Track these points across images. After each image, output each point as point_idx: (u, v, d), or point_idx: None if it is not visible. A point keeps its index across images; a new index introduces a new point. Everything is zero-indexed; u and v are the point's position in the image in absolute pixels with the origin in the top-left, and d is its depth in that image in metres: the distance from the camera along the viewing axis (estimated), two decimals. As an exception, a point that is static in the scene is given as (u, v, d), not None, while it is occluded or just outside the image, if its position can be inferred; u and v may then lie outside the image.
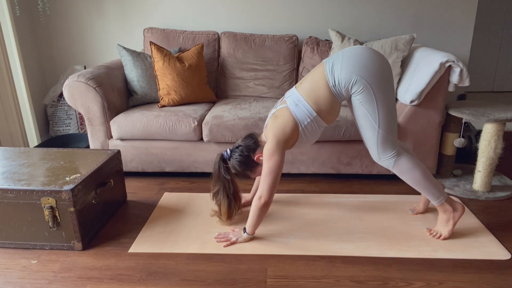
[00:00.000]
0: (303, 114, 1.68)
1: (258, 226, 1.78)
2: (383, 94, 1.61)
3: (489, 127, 2.14)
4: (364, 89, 1.60)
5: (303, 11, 2.99)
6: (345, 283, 1.54)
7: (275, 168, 1.66)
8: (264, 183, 1.67)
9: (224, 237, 1.81)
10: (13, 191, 1.69)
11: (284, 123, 1.69)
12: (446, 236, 1.78)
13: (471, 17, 2.94)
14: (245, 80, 2.85)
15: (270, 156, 1.66)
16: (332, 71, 1.63)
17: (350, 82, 1.60)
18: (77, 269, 1.64)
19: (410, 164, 1.70)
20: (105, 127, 2.43)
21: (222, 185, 1.84)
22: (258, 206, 1.70)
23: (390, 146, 1.68)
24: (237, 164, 1.79)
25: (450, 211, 1.77)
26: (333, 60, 1.65)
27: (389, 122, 1.65)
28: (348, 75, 1.60)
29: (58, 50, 3.18)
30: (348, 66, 1.60)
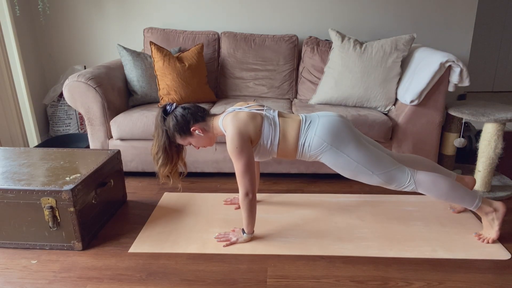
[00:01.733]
0: (268, 135, 1.71)
1: (254, 223, 1.78)
2: (356, 150, 1.69)
3: (489, 127, 2.14)
4: (337, 156, 1.70)
5: (303, 11, 2.99)
6: (345, 283, 1.54)
7: (248, 164, 1.67)
8: (244, 181, 1.68)
9: (224, 237, 1.81)
10: (13, 191, 1.69)
11: (254, 124, 1.69)
12: (494, 238, 1.75)
13: (471, 17, 2.94)
14: (245, 80, 2.85)
15: (240, 155, 1.65)
16: (306, 132, 1.71)
17: (320, 150, 1.70)
18: (77, 269, 1.64)
19: (430, 179, 1.70)
20: (105, 127, 2.43)
21: (157, 134, 1.76)
22: (249, 202, 1.70)
23: (398, 175, 1.70)
24: (172, 121, 1.72)
25: (492, 212, 1.74)
26: (310, 121, 1.74)
27: (378, 163, 1.70)
28: (319, 143, 1.69)
29: (58, 50, 3.18)
30: (320, 134, 1.69)
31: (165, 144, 1.74)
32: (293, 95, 2.88)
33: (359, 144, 1.71)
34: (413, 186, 1.71)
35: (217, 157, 2.41)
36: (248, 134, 1.67)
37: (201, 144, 1.81)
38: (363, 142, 1.73)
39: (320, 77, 2.73)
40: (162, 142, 1.74)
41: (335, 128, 1.70)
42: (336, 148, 1.69)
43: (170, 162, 1.79)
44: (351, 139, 1.70)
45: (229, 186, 2.38)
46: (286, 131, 1.73)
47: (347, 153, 1.69)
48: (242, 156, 1.65)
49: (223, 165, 2.44)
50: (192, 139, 1.77)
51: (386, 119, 2.32)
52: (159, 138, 1.75)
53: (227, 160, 2.41)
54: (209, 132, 1.78)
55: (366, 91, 2.42)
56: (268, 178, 2.50)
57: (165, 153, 1.76)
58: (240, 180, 1.68)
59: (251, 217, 1.75)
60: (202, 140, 1.79)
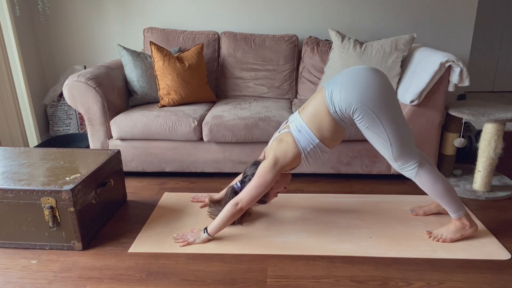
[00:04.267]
0: (305, 141, 1.68)
1: (221, 229, 1.79)
2: (387, 114, 1.58)
3: (489, 127, 2.14)
4: (366, 115, 1.58)
5: (303, 11, 2.99)
6: (345, 283, 1.54)
7: (264, 185, 1.69)
8: (248, 193, 1.70)
9: (181, 238, 1.82)
10: (13, 191, 1.69)
11: (287, 148, 1.69)
12: (446, 240, 1.77)
13: (471, 17, 2.94)
14: (245, 80, 2.85)
15: (265, 173, 1.68)
16: (332, 98, 1.62)
17: (351, 109, 1.59)
18: (77, 269, 1.64)
19: (432, 176, 1.69)
20: (105, 127, 2.43)
21: None
22: (233, 211, 1.72)
23: (408, 157, 1.67)
24: None
25: (466, 226, 1.76)
26: (332, 86, 1.63)
27: (400, 137, 1.62)
28: (348, 102, 1.58)
29: (58, 50, 3.18)
30: (346, 93, 1.58)
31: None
32: (293, 95, 2.88)
33: (392, 107, 1.59)
34: (414, 173, 1.69)
35: (217, 157, 2.41)
36: (286, 162, 1.69)
37: (280, 187, 1.87)
38: (396, 106, 1.61)
39: (320, 77, 2.73)
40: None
41: (360, 83, 1.57)
42: (366, 106, 1.56)
43: None
44: (382, 99, 1.56)
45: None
46: (315, 118, 1.66)
47: (377, 114, 1.56)
48: (264, 176, 1.69)
49: (223, 165, 2.44)
50: (274, 190, 1.83)
51: (386, 119, 2.31)
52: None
53: (227, 160, 2.42)
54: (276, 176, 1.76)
55: (366, 91, 2.41)
56: (268, 178, 2.50)
57: None
58: (245, 190, 1.72)
59: (223, 223, 1.75)
60: (277, 185, 1.83)
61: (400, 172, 1.73)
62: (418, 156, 1.69)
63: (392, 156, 1.66)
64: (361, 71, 1.60)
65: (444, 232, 1.79)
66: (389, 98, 1.59)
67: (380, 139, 1.63)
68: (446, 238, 1.77)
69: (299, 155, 1.69)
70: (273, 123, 2.30)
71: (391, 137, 1.61)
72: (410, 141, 1.67)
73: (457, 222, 1.77)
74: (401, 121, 1.63)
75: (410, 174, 1.71)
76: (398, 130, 1.61)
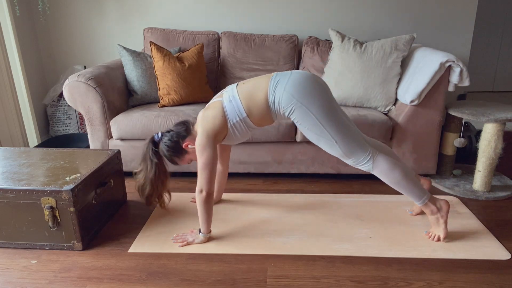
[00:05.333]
0: (233, 112, 1.69)
1: (210, 222, 1.78)
2: (326, 114, 1.63)
3: (489, 127, 2.14)
4: (305, 115, 1.63)
5: (303, 11, 2.99)
6: (345, 283, 1.54)
7: (209, 161, 1.67)
8: (201, 177, 1.69)
9: (181, 238, 1.82)
10: (13, 191, 1.69)
11: (213, 116, 1.69)
12: (443, 236, 1.77)
13: (471, 17, 2.94)
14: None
15: (202, 150, 1.67)
16: (275, 89, 1.66)
17: (289, 107, 1.64)
18: (77, 269, 1.64)
19: (388, 164, 1.69)
20: (105, 127, 2.43)
21: (145, 167, 1.80)
22: (203, 200, 1.70)
23: (359, 151, 1.68)
24: (165, 149, 1.77)
25: (436, 211, 1.75)
26: (280, 78, 1.67)
27: (343, 134, 1.65)
28: (289, 99, 1.63)
29: (58, 50, 3.18)
30: (290, 90, 1.63)
31: (153, 176, 1.79)
32: (293, 95, 2.87)
33: (331, 108, 1.65)
34: (370, 166, 1.69)
35: (217, 157, 2.41)
36: (214, 130, 1.68)
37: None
38: (335, 108, 1.67)
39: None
40: (150, 174, 1.79)
41: (307, 84, 1.64)
42: (306, 107, 1.62)
43: (155, 192, 1.84)
44: (323, 101, 1.63)
45: (228, 186, 2.38)
46: (250, 96, 1.69)
47: (315, 114, 1.62)
48: (204, 153, 1.67)
49: (223, 165, 2.44)
50: (189, 155, 1.81)
51: (386, 119, 2.32)
52: (147, 170, 1.79)
53: (227, 160, 2.42)
54: None
55: (366, 91, 2.42)
56: (268, 178, 2.50)
57: (151, 185, 1.80)
58: (198, 175, 1.70)
59: (205, 215, 1.74)
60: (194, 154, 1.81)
61: (357, 167, 1.74)
62: (369, 148, 1.69)
63: (342, 153, 1.68)
64: (307, 76, 1.67)
65: (434, 229, 1.80)
66: (328, 100, 1.66)
67: (324, 139, 1.66)
68: (440, 234, 1.77)
69: (226, 123, 1.70)
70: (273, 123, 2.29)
71: (335, 135, 1.64)
72: (356, 135, 1.69)
73: (427, 210, 1.76)
74: (342, 120, 1.67)
75: (367, 167, 1.71)
76: (340, 128, 1.64)
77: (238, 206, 2.14)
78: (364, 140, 1.72)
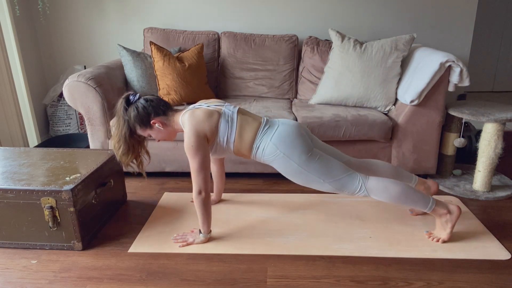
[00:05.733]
0: (224, 132, 1.71)
1: (210, 222, 1.78)
2: (307, 161, 1.68)
3: (489, 127, 2.14)
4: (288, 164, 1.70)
5: (303, 11, 2.99)
6: (345, 283, 1.54)
7: (203, 163, 1.67)
8: (198, 178, 1.68)
9: (181, 238, 1.82)
10: (13, 191, 1.69)
11: (210, 123, 1.69)
12: (445, 239, 1.77)
13: (471, 17, 2.94)
14: (245, 80, 2.85)
15: (195, 153, 1.66)
16: (262, 137, 1.71)
17: (273, 156, 1.70)
18: (77, 269, 1.64)
19: (380, 184, 1.70)
20: (105, 127, 2.43)
21: (117, 123, 1.76)
22: (201, 201, 1.71)
23: (348, 182, 1.70)
24: (133, 112, 1.72)
25: (445, 214, 1.75)
26: (267, 128, 1.73)
27: (328, 172, 1.70)
28: (273, 149, 1.69)
29: (58, 50, 3.18)
30: (275, 141, 1.69)
31: (126, 134, 1.74)
32: (293, 95, 2.88)
33: (312, 154, 1.70)
34: (365, 193, 1.71)
35: (217, 157, 2.41)
36: (204, 133, 1.68)
37: (160, 137, 1.81)
38: (316, 152, 1.72)
39: (320, 77, 2.73)
40: (123, 132, 1.74)
41: (290, 137, 1.70)
42: (288, 157, 1.69)
43: (132, 152, 1.79)
44: (304, 149, 1.69)
45: (228, 186, 2.38)
46: (243, 130, 1.72)
47: (298, 162, 1.69)
48: (197, 154, 1.66)
49: (223, 165, 2.43)
50: (152, 131, 1.78)
51: (386, 119, 2.32)
52: (119, 127, 1.75)
53: (226, 160, 2.41)
54: (169, 127, 1.78)
55: (366, 91, 2.42)
56: (268, 178, 2.50)
57: (126, 143, 1.76)
58: (194, 177, 1.69)
59: (205, 215, 1.75)
60: (161, 133, 1.79)
61: (355, 196, 1.77)
62: (357, 176, 1.72)
63: (334, 189, 1.73)
64: (293, 128, 1.73)
65: (437, 231, 1.80)
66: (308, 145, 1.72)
67: (311, 181, 1.73)
68: (444, 237, 1.77)
69: (215, 137, 1.71)
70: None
71: (320, 176, 1.70)
72: (340, 169, 1.72)
73: (435, 215, 1.77)
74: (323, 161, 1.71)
75: (363, 194, 1.73)
76: (322, 168, 1.70)
77: (238, 206, 2.14)
78: (348, 169, 1.73)
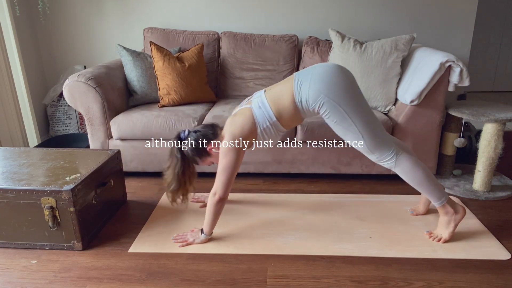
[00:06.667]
0: (263, 117, 1.69)
1: (214, 225, 1.78)
2: (354, 108, 1.62)
3: (489, 127, 2.14)
4: (333, 109, 1.62)
5: (303, 11, 2.99)
6: (345, 283, 1.54)
7: (230, 165, 1.67)
8: (219, 180, 1.69)
9: (181, 238, 1.82)
10: (13, 191, 1.69)
11: (243, 122, 1.69)
12: (446, 239, 1.77)
13: (471, 17, 2.94)
14: (245, 80, 2.85)
15: (226, 153, 1.67)
16: (300, 89, 1.65)
17: (317, 103, 1.62)
18: (77, 269, 1.64)
19: (411, 163, 1.69)
20: (105, 127, 2.43)
21: (172, 163, 1.81)
22: (213, 202, 1.71)
23: (384, 147, 1.68)
24: (189, 148, 1.77)
25: (452, 213, 1.76)
26: (302, 78, 1.66)
27: (371, 128, 1.65)
28: (315, 96, 1.61)
29: (58, 50, 3.18)
30: (315, 86, 1.61)
31: (179, 172, 1.79)
32: (293, 95, 2.88)
33: (358, 102, 1.63)
34: (393, 164, 1.70)
35: (217, 157, 2.41)
36: (242, 136, 1.68)
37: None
38: (362, 102, 1.65)
39: (320, 77, 2.72)
40: (176, 170, 1.79)
41: (331, 77, 1.61)
42: (334, 101, 1.60)
43: (182, 188, 1.84)
44: (350, 94, 1.61)
45: (229, 186, 2.38)
46: (277, 102, 1.69)
47: (344, 107, 1.61)
48: (226, 156, 1.67)
49: (223, 165, 2.43)
50: (212, 158, 1.81)
51: (386, 119, 2.32)
52: (173, 166, 1.80)
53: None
54: None
55: (366, 91, 2.42)
56: (268, 178, 2.50)
57: (178, 181, 1.80)
58: (216, 177, 1.70)
59: (212, 217, 1.75)
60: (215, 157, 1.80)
61: (380, 163, 1.73)
62: (393, 145, 1.70)
63: (368, 149, 1.68)
64: (331, 67, 1.65)
65: (439, 230, 1.80)
66: (356, 93, 1.64)
67: (351, 133, 1.65)
68: (445, 237, 1.77)
69: (255, 129, 1.70)
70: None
71: (362, 130, 1.63)
72: (382, 131, 1.68)
73: (443, 212, 1.76)
74: (369, 114, 1.66)
75: (390, 165, 1.71)
76: (367, 123, 1.64)
77: (238, 206, 2.14)
78: (389, 137, 1.72)
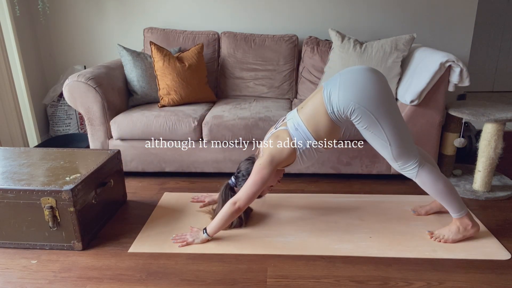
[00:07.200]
0: (302, 139, 1.69)
1: (220, 230, 1.79)
2: (385, 115, 1.60)
3: (489, 127, 2.14)
4: (364, 115, 1.60)
5: (303, 11, 2.99)
6: (345, 283, 1.54)
7: (260, 182, 1.69)
8: (245, 192, 1.70)
9: (180, 238, 1.82)
10: (13, 191, 1.69)
11: (282, 146, 1.71)
12: (449, 241, 1.76)
13: (471, 17, 2.94)
14: (245, 80, 2.85)
15: (260, 169, 1.69)
16: (330, 99, 1.64)
17: (348, 110, 1.61)
18: (77, 269, 1.64)
19: (432, 176, 1.69)
20: (105, 127, 2.43)
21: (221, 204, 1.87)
22: (231, 210, 1.72)
23: (408, 157, 1.67)
24: None
25: (468, 226, 1.75)
26: (331, 87, 1.64)
27: (399, 137, 1.63)
28: (346, 103, 1.60)
29: (58, 50, 3.18)
30: (344, 94, 1.60)
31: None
32: (293, 95, 2.88)
33: (389, 108, 1.59)
34: (415, 174, 1.69)
35: (217, 156, 2.41)
36: (281, 160, 1.70)
37: (274, 181, 1.87)
38: (393, 108, 1.61)
39: (320, 77, 2.73)
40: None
41: (359, 83, 1.58)
42: (364, 107, 1.57)
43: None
44: (380, 100, 1.58)
45: (229, 186, 2.38)
46: (313, 117, 1.68)
47: (374, 113, 1.58)
48: (260, 172, 1.69)
49: (223, 165, 2.44)
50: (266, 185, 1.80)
51: (386, 119, 2.31)
52: None
53: (226, 160, 2.42)
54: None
55: (366, 91, 2.41)
56: (268, 178, 2.50)
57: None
58: (242, 188, 1.72)
59: (222, 223, 1.75)
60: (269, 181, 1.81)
61: (401, 172, 1.73)
62: (418, 156, 1.69)
63: (392, 156, 1.67)
64: (360, 72, 1.62)
65: (446, 232, 1.78)
66: (387, 98, 1.61)
67: (379, 139, 1.64)
68: (448, 239, 1.77)
69: (295, 152, 1.71)
70: (273, 123, 2.30)
71: (390, 137, 1.62)
72: (409, 141, 1.67)
73: (458, 222, 1.76)
74: (399, 121, 1.64)
75: (411, 174, 1.71)
76: (396, 130, 1.62)
77: (238, 206, 2.14)
78: (415, 146, 1.71)
